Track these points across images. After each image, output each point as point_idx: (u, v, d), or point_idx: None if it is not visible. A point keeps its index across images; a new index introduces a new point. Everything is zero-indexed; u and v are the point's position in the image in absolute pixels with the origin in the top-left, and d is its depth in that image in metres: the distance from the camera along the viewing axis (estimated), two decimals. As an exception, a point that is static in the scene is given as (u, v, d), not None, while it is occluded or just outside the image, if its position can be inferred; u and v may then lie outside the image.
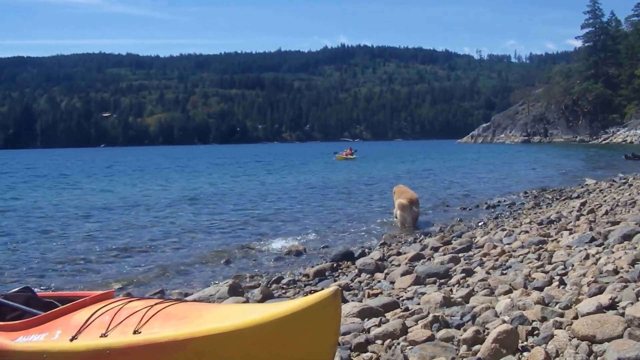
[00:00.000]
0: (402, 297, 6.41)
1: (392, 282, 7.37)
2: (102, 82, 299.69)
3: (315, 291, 4.10)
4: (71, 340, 4.34)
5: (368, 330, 4.96)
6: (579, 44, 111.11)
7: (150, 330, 4.04)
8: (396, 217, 14.28)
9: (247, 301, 6.90)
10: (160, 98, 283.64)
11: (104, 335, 4.21)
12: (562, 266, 6.61)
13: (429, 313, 5.22)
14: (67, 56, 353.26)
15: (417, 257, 8.87)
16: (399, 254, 9.70)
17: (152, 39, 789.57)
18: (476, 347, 4.26)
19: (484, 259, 8.15)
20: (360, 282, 7.81)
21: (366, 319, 5.34)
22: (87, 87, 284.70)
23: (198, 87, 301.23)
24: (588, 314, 4.41)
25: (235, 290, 7.51)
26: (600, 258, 6.53)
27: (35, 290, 6.17)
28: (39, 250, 12.12)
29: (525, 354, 4.05)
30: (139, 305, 4.47)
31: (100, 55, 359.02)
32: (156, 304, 4.40)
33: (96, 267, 10.29)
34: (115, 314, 4.40)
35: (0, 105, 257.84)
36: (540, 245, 8.36)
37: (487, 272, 7.09)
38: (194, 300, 6.04)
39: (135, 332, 4.07)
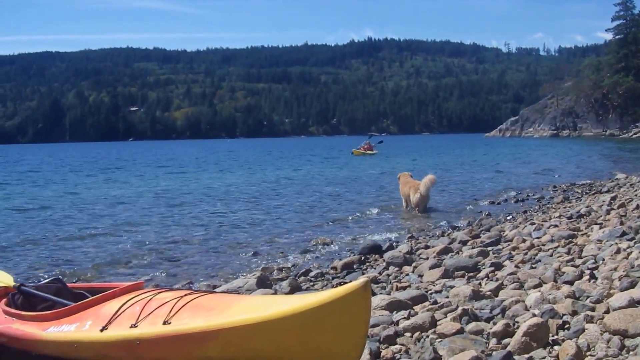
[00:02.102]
0: (430, 290, 6.38)
1: (421, 276, 7.33)
2: (130, 76, 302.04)
3: (344, 283, 4.09)
4: (101, 330, 4.38)
5: (397, 323, 4.94)
6: (609, 36, 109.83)
7: (180, 321, 4.06)
8: (407, 199, 15.59)
9: (275, 293, 6.91)
10: (188, 92, 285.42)
11: (134, 326, 4.24)
12: (593, 260, 6.55)
13: (458, 306, 5.19)
14: (95, 51, 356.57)
15: (446, 251, 8.83)
16: (427, 247, 9.66)
17: (180, 33, 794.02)
18: (506, 340, 4.23)
19: (513, 252, 8.09)
20: (388, 275, 7.79)
21: (395, 311, 5.32)
22: (114, 81, 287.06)
23: (225, 81, 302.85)
24: (620, 308, 4.36)
25: (264, 283, 7.52)
26: (631, 252, 6.45)
27: (65, 281, 6.23)
28: (70, 242, 12.24)
29: (556, 347, 4.01)
30: (168, 296, 4.49)
31: (127, 49, 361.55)
32: (186, 295, 4.42)
33: (124, 260, 10.34)
34: (145, 304, 4.43)
35: (30, 100, 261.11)
36: (570, 239, 8.28)
37: (517, 266, 7.03)
38: (223, 292, 6.04)
39: (165, 323, 4.09)
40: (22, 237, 12.92)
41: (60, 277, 6.46)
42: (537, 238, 8.97)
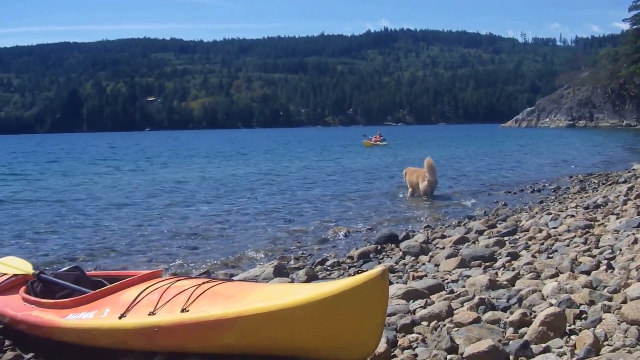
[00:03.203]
0: (447, 279, 6.38)
1: (437, 265, 7.33)
2: (147, 66, 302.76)
3: (361, 272, 4.10)
4: (120, 317, 4.41)
5: (414, 312, 4.95)
6: (626, 26, 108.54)
7: (197, 308, 4.08)
8: (415, 188, 16.21)
9: (292, 282, 6.93)
10: (204, 82, 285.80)
11: (152, 314, 4.27)
12: (610, 250, 6.52)
13: (474, 295, 5.18)
14: (113, 41, 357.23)
15: (462, 240, 8.81)
16: (443, 237, 9.65)
17: (197, 24, 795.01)
18: (523, 329, 4.23)
19: (530, 242, 8.08)
20: (404, 264, 7.79)
21: (411, 300, 5.32)
22: (132, 71, 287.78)
23: (241, 72, 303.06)
24: (637, 298, 4.34)
25: (280, 271, 7.54)
26: (648, 243, 6.44)
27: (84, 269, 6.27)
28: (89, 230, 12.33)
29: (573, 337, 4.00)
30: (186, 284, 4.52)
31: (145, 40, 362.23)
32: (203, 283, 4.45)
33: (142, 248, 10.40)
34: (163, 292, 4.46)
35: (48, 90, 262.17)
36: (587, 230, 8.25)
37: (533, 256, 7.02)
38: (240, 281, 6.06)
39: (183, 311, 4.12)
40: (43, 225, 13.03)
41: (78, 265, 6.51)
42: (554, 228, 8.95)
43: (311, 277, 7.24)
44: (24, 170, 32.67)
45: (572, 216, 9.91)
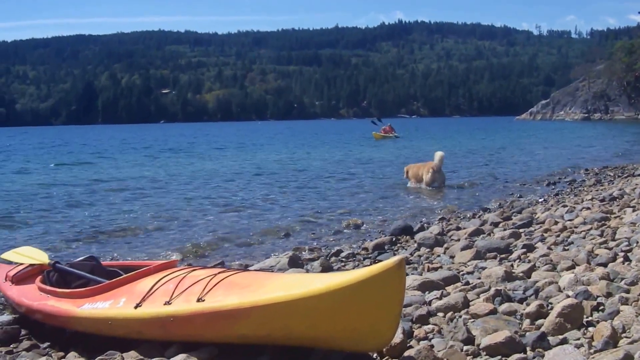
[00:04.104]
0: (462, 271, 6.36)
1: (452, 257, 7.31)
2: (162, 59, 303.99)
3: (377, 262, 4.08)
4: (135, 307, 4.42)
5: (429, 303, 4.94)
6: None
7: (213, 298, 4.08)
8: (419, 180, 16.42)
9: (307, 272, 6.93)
10: (219, 75, 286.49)
11: (167, 303, 4.27)
12: (627, 242, 6.47)
13: (490, 287, 5.16)
14: (128, 34, 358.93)
15: (477, 232, 8.79)
16: (458, 228, 9.63)
17: (211, 16, 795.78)
18: (540, 321, 4.20)
19: (545, 234, 8.04)
20: (419, 256, 7.78)
21: (427, 292, 5.31)
22: (147, 64, 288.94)
23: (256, 64, 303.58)
24: (655, 289, 4.33)
25: (295, 262, 7.55)
26: (666, 235, 6.40)
27: (99, 259, 6.30)
28: (102, 219, 12.39)
29: (590, 329, 3.98)
30: (202, 274, 4.52)
31: (159, 32, 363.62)
32: (219, 272, 4.44)
33: (157, 238, 10.43)
34: (179, 282, 4.46)
35: (63, 83, 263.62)
36: (603, 222, 8.20)
37: (549, 248, 6.99)
38: (256, 271, 6.05)
39: (198, 300, 4.12)
40: (61, 215, 13.12)
41: (94, 255, 6.54)
42: (570, 220, 8.91)
43: (326, 269, 7.23)
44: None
45: (588, 208, 9.86)
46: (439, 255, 7.61)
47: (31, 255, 6.40)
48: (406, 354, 3.87)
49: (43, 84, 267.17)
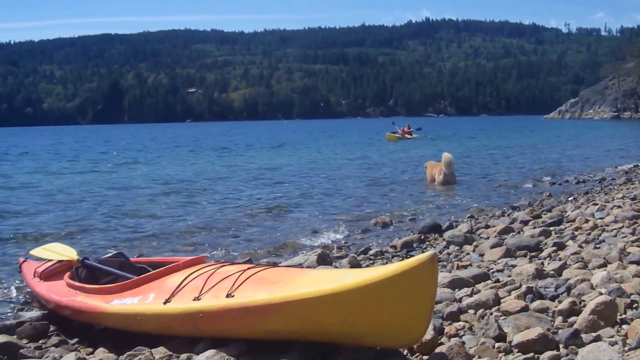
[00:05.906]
0: (492, 269, 6.32)
1: (482, 255, 7.27)
2: (188, 58, 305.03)
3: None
4: (165, 303, 4.43)
5: (460, 300, 4.92)
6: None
7: (243, 294, 4.07)
8: (432, 180, 17.09)
9: (336, 270, 6.92)
10: (245, 73, 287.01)
11: (197, 299, 4.28)
12: (659, 241, 6.42)
13: (521, 284, 5.13)
14: (154, 33, 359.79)
15: (507, 230, 8.74)
16: (487, 227, 9.57)
17: (237, 15, 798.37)
18: (572, 318, 4.16)
19: (576, 232, 7.99)
20: (449, 254, 7.76)
21: (457, 289, 5.30)
22: (173, 63, 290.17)
23: (282, 63, 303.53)
24: (689, 287, 4.27)
25: (324, 260, 7.54)
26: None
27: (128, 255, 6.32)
28: (133, 217, 12.48)
29: (624, 326, 3.94)
30: (231, 269, 4.52)
31: (185, 31, 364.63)
32: (248, 268, 4.44)
33: (185, 235, 10.47)
34: (208, 278, 4.46)
35: (89, 82, 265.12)
36: (635, 220, 8.11)
37: (580, 246, 6.93)
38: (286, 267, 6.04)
39: (228, 296, 4.12)
40: (90, 213, 13.19)
41: (122, 251, 6.56)
42: (600, 219, 8.82)
43: (354, 266, 7.21)
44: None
45: (619, 207, 9.76)
46: (468, 253, 7.57)
47: (60, 251, 6.44)
48: (437, 350, 3.84)
49: (70, 83, 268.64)
